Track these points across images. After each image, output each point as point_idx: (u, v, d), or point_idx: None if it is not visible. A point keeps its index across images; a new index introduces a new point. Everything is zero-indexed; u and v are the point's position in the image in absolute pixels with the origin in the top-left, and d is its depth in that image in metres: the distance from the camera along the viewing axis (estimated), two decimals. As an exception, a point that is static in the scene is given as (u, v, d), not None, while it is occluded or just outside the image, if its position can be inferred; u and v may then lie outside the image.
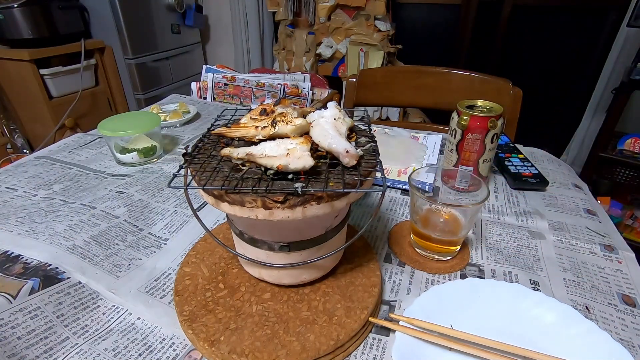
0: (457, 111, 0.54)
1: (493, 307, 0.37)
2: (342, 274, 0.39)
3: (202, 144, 0.35)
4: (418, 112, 1.90)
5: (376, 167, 0.30)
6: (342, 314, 0.34)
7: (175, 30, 2.05)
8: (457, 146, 0.56)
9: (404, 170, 0.62)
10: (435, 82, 0.98)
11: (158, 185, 0.60)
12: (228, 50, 2.33)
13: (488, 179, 0.61)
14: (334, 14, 1.84)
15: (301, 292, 0.36)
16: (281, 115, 0.32)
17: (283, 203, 0.27)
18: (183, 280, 0.38)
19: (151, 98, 2.01)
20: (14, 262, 0.41)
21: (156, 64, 2.01)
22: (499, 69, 1.92)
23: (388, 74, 1.05)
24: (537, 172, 0.63)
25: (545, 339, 0.34)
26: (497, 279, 0.42)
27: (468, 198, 0.47)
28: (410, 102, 1.06)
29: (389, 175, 0.61)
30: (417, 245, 0.46)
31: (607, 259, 0.46)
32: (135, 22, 1.82)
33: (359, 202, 0.56)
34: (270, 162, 0.28)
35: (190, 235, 0.49)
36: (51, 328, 0.35)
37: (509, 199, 0.59)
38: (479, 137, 0.53)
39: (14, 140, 1.75)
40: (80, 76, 1.75)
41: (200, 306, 0.35)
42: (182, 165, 0.31)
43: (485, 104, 0.55)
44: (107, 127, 0.63)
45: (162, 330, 0.35)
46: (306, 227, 0.32)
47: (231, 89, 1.11)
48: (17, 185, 0.58)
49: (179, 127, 0.83)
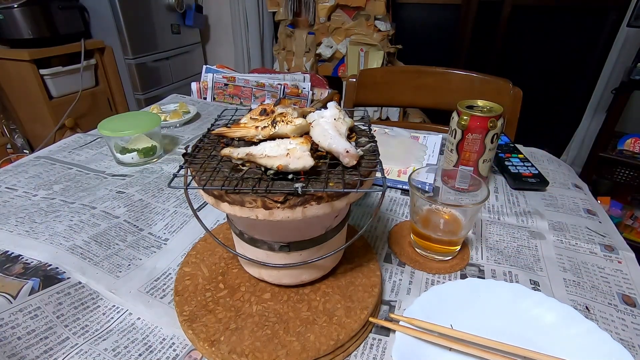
0: (457, 111, 0.54)
1: (493, 307, 0.37)
2: (342, 274, 0.39)
3: (202, 144, 0.35)
4: (418, 112, 1.90)
5: (376, 167, 0.30)
6: (342, 314, 0.34)
7: (175, 30, 2.05)
8: (457, 146, 0.56)
9: (404, 170, 0.62)
10: (435, 82, 0.98)
11: (158, 185, 0.60)
12: (228, 50, 2.33)
13: (488, 179, 0.61)
14: (334, 14, 1.84)
15: (301, 292, 0.36)
16: (281, 116, 0.32)
17: (283, 203, 0.27)
18: (183, 281, 0.38)
19: (151, 98, 2.01)
20: (14, 262, 0.41)
21: (156, 64, 2.01)
22: (499, 69, 1.92)
23: (388, 74, 1.05)
24: (537, 172, 0.63)
25: (545, 339, 0.34)
26: (497, 279, 0.42)
27: (468, 198, 0.47)
28: (410, 102, 1.06)
29: (389, 175, 0.61)
30: (417, 245, 0.46)
31: (607, 259, 0.46)
32: (135, 22, 1.82)
33: (359, 202, 0.56)
34: (270, 162, 0.28)
35: (190, 235, 0.49)
36: (51, 328, 0.35)
37: (509, 199, 0.59)
38: (479, 137, 0.53)
39: (14, 140, 1.75)
40: (80, 76, 1.75)
41: (200, 306, 0.35)
42: (182, 165, 0.31)
43: (485, 104, 0.55)
44: (107, 127, 0.63)
45: (162, 330, 0.35)
46: (306, 227, 0.32)
47: (231, 89, 1.11)
48: (17, 185, 0.58)
49: (179, 127, 0.83)
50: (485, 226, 0.52)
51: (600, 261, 0.46)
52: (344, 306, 0.35)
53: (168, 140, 0.76)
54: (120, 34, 1.80)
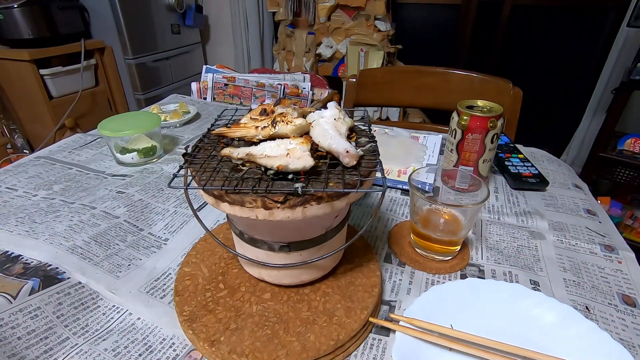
0: (457, 111, 0.54)
1: (493, 307, 0.37)
2: (342, 274, 0.39)
3: (202, 144, 0.35)
4: (418, 112, 1.90)
5: (376, 167, 0.30)
6: (342, 314, 0.34)
7: (175, 30, 2.05)
8: (457, 146, 0.56)
9: (404, 170, 0.62)
10: (435, 82, 0.98)
11: (158, 185, 0.60)
12: (228, 50, 2.33)
13: (488, 179, 0.61)
14: (334, 14, 1.84)
15: (301, 292, 0.36)
16: (281, 116, 0.32)
17: (283, 203, 0.27)
18: (183, 280, 0.38)
19: (151, 98, 2.01)
20: (14, 262, 0.41)
21: (156, 64, 2.01)
22: (499, 69, 1.92)
23: (388, 74, 1.05)
24: (537, 172, 0.63)
25: (546, 339, 0.34)
26: (497, 279, 0.42)
27: (468, 198, 0.47)
28: (410, 102, 1.06)
29: (389, 176, 0.61)
30: (417, 245, 0.46)
31: (607, 259, 0.46)
32: (135, 22, 1.82)
33: (359, 202, 0.56)
34: (270, 162, 0.28)
35: (190, 235, 0.49)
36: (51, 328, 0.35)
37: (509, 199, 0.59)
38: (479, 137, 0.53)
39: (14, 140, 1.75)
40: (80, 76, 1.75)
41: (200, 306, 0.35)
42: (182, 165, 0.31)
43: (485, 104, 0.55)
44: (107, 127, 0.63)
45: (162, 330, 0.35)
46: (306, 227, 0.32)
47: (231, 89, 1.11)
48: (17, 186, 0.58)
49: (179, 127, 0.83)
50: (485, 226, 0.52)
51: (601, 261, 0.46)
52: (344, 306, 0.35)
53: (168, 140, 0.76)
54: (120, 34, 1.80)
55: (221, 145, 0.34)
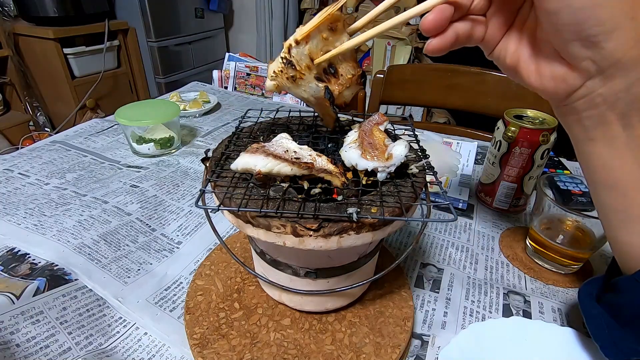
0: (504, 121, 0.49)
1: (542, 354, 0.32)
2: (370, 300, 0.35)
3: (228, 151, 0.31)
4: (443, 112, 1.82)
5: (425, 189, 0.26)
6: (370, 351, 0.30)
7: (199, 14, 2.01)
8: (500, 159, 0.50)
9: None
10: (468, 83, 0.92)
11: (174, 180, 0.56)
12: (250, 37, 2.28)
13: (530, 196, 0.55)
14: (362, 4, 1.77)
15: (324, 321, 0.32)
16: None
17: (317, 231, 0.23)
18: (195, 296, 0.34)
19: (172, 82, 1.99)
20: (21, 261, 0.39)
21: (178, 48, 1.99)
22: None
23: (418, 71, 0.99)
24: (587, 189, 0.56)
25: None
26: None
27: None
28: (440, 102, 1.00)
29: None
30: (533, 254, 0.44)
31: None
32: (159, 3, 1.79)
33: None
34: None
35: (205, 239, 0.45)
36: (53, 335, 0.33)
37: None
38: (527, 152, 0.47)
39: (36, 117, 1.76)
40: (103, 57, 1.74)
41: (213, 329, 0.31)
42: (209, 178, 0.27)
43: (537, 114, 0.49)
44: (124, 115, 0.60)
45: (170, 350, 0.32)
46: (338, 255, 0.28)
47: (253, 79, 1.07)
48: (30, 172, 0.56)
49: (198, 117, 0.80)
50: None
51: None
52: (373, 341, 0.31)
53: (186, 131, 0.72)
54: (144, 16, 1.77)
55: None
